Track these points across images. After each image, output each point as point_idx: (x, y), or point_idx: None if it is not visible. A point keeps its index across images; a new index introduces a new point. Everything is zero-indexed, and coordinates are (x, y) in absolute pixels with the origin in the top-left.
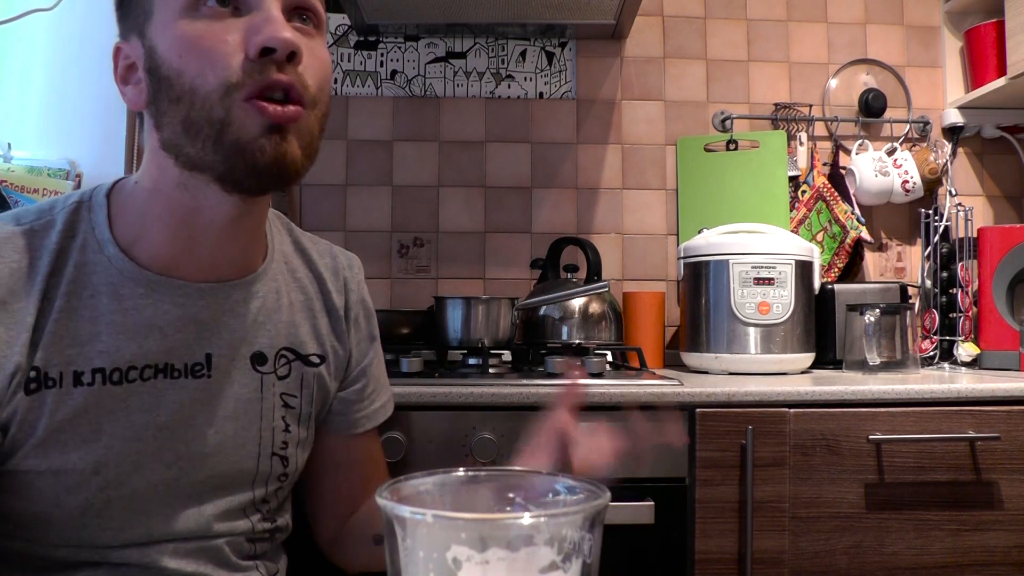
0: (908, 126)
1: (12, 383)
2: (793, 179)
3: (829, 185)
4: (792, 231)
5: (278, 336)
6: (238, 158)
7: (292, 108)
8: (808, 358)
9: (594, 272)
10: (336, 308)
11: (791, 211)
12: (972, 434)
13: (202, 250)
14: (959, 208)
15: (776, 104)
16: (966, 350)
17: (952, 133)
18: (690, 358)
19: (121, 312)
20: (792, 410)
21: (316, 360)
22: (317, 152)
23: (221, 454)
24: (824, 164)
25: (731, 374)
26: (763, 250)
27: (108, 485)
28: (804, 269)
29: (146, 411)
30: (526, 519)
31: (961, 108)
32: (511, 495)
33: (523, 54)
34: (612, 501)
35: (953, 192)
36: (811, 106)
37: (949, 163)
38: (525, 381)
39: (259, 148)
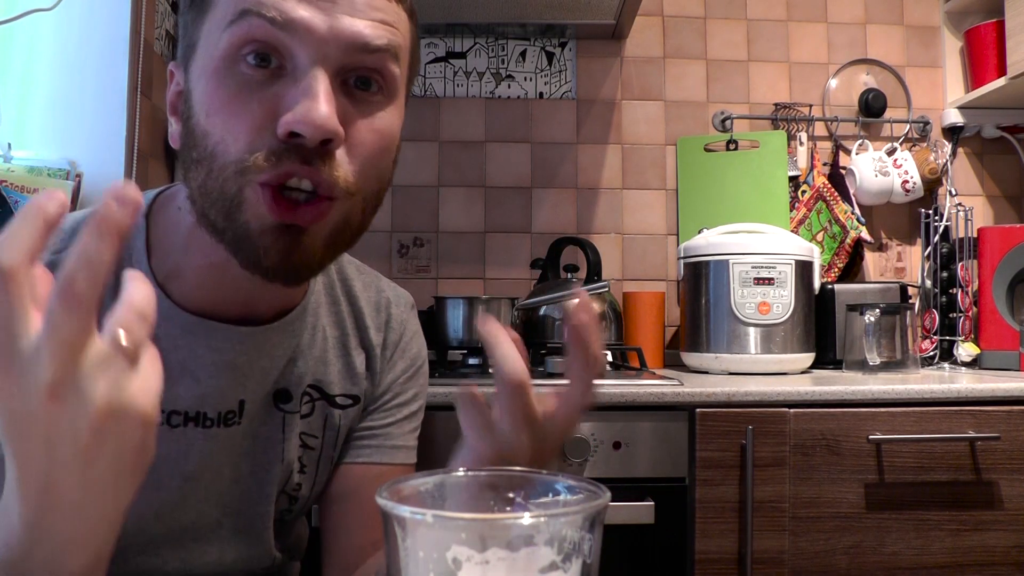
0: (908, 126)
1: None
2: (793, 179)
3: (829, 185)
4: (792, 231)
5: (306, 373)
6: (244, 248)
7: (312, 208)
8: (808, 358)
9: (594, 272)
10: (373, 346)
11: (791, 211)
12: (972, 434)
13: (239, 296)
14: (959, 208)
15: (776, 104)
16: (966, 350)
17: (952, 133)
18: (690, 358)
19: None
20: (792, 410)
21: (345, 402)
22: (354, 239)
23: (239, 495)
24: (824, 164)
25: (731, 374)
26: (763, 250)
27: (126, 534)
28: (804, 269)
29: (173, 461)
30: (526, 519)
31: (961, 108)
32: (511, 495)
33: (523, 54)
34: (612, 501)
35: (953, 192)
36: (811, 106)
37: (949, 163)
38: None
39: (263, 247)
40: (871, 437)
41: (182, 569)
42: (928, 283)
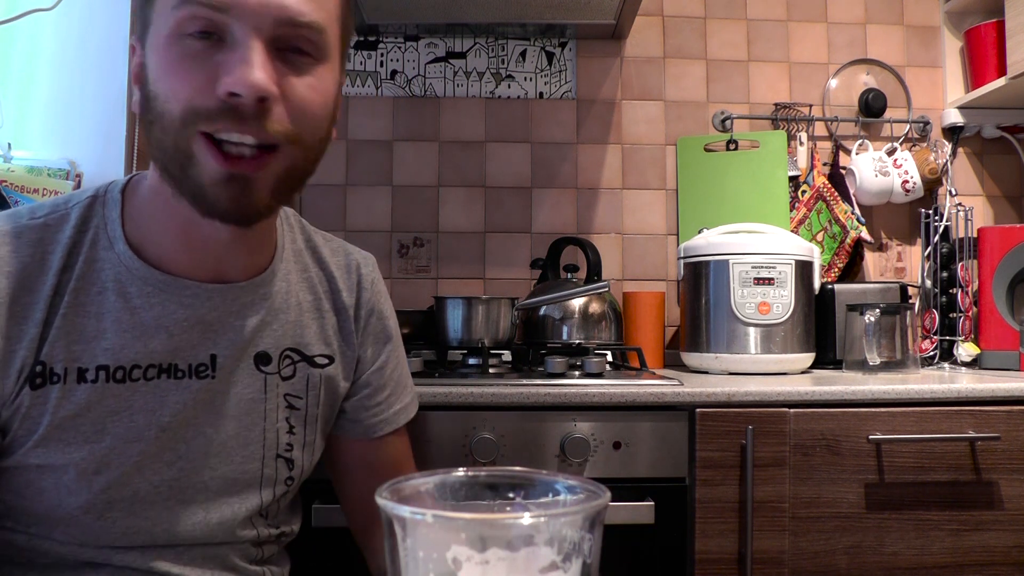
0: (908, 126)
1: (19, 379)
2: (793, 179)
3: (829, 185)
4: (792, 231)
5: (284, 336)
6: (199, 198)
7: (256, 160)
8: (808, 358)
9: (594, 272)
10: (345, 307)
11: (791, 211)
12: (972, 434)
13: (207, 256)
14: (959, 208)
15: (776, 104)
16: (966, 350)
17: (952, 133)
18: (690, 358)
19: (128, 311)
20: (792, 410)
21: (323, 361)
22: (301, 184)
23: (223, 454)
24: (824, 164)
25: (731, 374)
26: (763, 250)
27: (110, 486)
28: (804, 269)
29: (149, 411)
30: (526, 519)
31: (961, 108)
32: (511, 495)
33: (523, 54)
34: (612, 501)
35: (953, 192)
36: (811, 106)
37: (949, 163)
38: (525, 381)
39: (215, 197)
40: (871, 437)
41: (169, 531)
42: (928, 283)
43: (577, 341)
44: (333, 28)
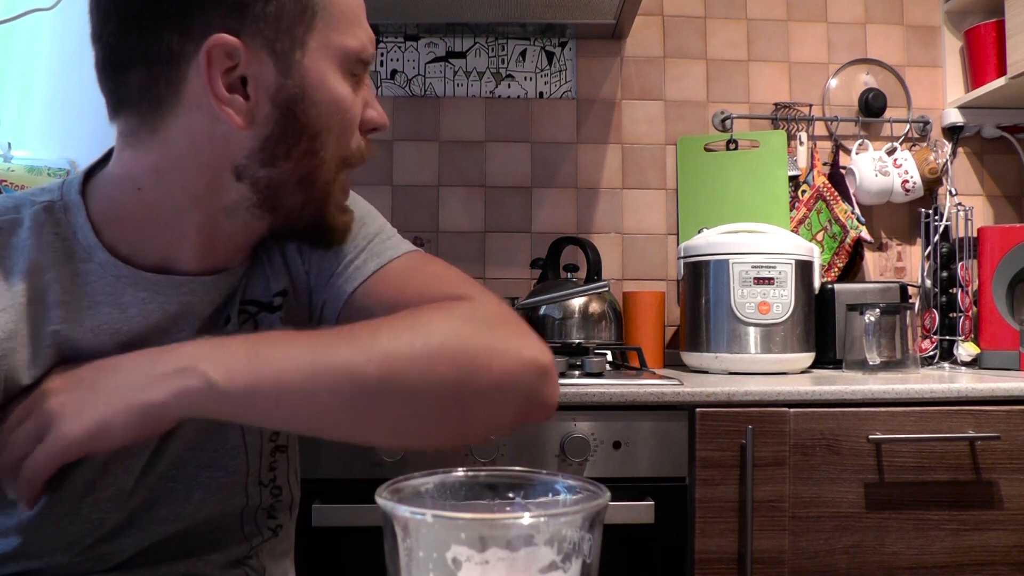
0: (908, 126)
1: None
2: (793, 179)
3: (829, 185)
4: (792, 231)
5: (237, 291)
6: (321, 231)
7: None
8: (808, 358)
9: (594, 272)
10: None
11: (791, 211)
12: (972, 434)
13: (211, 249)
14: (959, 208)
15: (776, 104)
16: (966, 350)
17: (952, 133)
18: (690, 358)
19: (125, 320)
20: (792, 410)
21: (279, 300)
22: None
23: (203, 435)
24: (824, 164)
25: (731, 374)
26: (763, 250)
27: (99, 504)
28: (804, 269)
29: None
30: (526, 519)
31: (961, 108)
32: (511, 495)
33: (523, 54)
34: (612, 501)
35: (953, 192)
36: (811, 106)
37: (949, 163)
38: None
39: (343, 226)
40: (871, 437)
41: (149, 498)
42: (928, 283)
43: (577, 341)
44: None
